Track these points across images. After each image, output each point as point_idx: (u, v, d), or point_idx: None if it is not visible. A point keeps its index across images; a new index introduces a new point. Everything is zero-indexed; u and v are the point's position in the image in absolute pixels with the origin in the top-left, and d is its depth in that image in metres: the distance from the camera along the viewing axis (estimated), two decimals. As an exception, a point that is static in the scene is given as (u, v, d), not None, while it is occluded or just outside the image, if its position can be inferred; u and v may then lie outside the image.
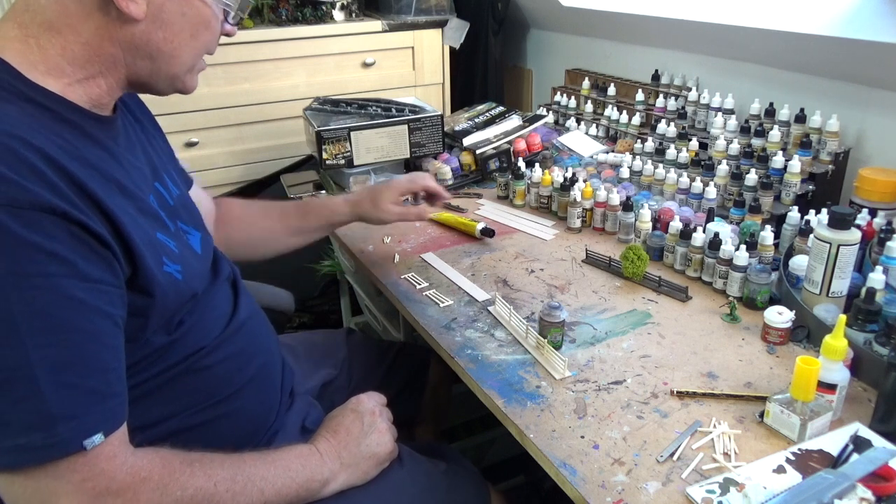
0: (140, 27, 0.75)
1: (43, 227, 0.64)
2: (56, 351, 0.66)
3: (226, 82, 2.07)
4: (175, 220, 0.90)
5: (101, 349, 0.70)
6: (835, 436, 0.85)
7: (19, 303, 0.63)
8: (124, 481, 0.70)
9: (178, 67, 0.82)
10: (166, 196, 0.90)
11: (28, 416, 0.65)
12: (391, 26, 2.24)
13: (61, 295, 0.66)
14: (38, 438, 0.65)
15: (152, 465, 0.73)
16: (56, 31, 0.73)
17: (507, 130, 1.80)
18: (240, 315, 0.98)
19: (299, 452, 0.90)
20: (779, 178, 1.40)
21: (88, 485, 0.68)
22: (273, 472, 0.84)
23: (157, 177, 0.91)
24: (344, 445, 0.95)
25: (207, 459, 0.79)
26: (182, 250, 0.86)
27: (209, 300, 0.93)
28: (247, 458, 0.84)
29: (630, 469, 0.82)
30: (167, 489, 0.73)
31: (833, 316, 1.01)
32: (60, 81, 0.74)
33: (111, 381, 0.71)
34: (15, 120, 0.68)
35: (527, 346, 1.07)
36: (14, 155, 0.65)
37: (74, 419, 0.67)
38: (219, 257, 1.02)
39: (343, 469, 0.93)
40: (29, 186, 0.64)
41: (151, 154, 0.92)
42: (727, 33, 1.68)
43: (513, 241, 1.45)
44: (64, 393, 0.66)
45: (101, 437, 0.68)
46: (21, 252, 0.63)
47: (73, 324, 0.67)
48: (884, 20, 1.34)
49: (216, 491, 0.78)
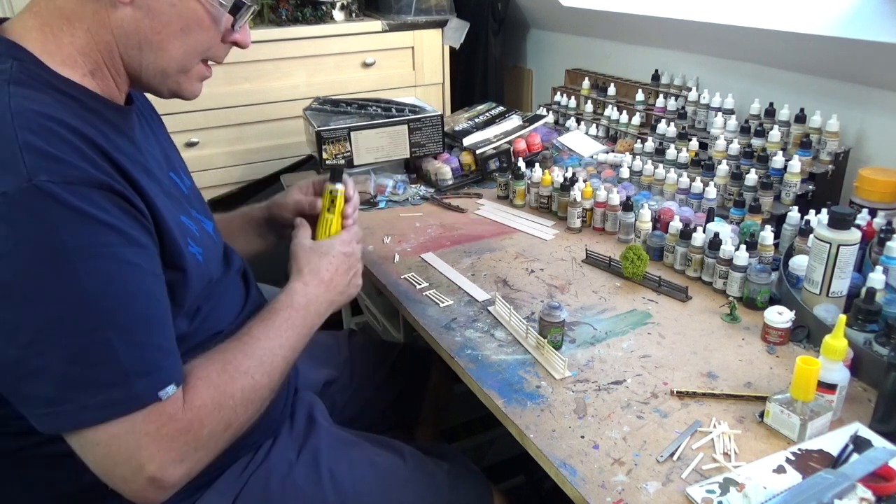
0: (128, 12, 0.76)
1: (95, 201, 0.68)
2: (124, 313, 0.70)
3: (226, 82, 2.07)
4: (192, 207, 0.93)
5: (161, 308, 0.76)
6: (835, 436, 0.85)
7: (87, 273, 0.67)
8: (186, 417, 0.75)
9: (167, 62, 0.81)
10: (181, 185, 0.93)
11: (107, 376, 0.69)
12: (391, 26, 2.23)
13: (122, 261, 0.70)
14: (119, 394, 0.70)
15: (200, 391, 0.78)
16: (66, 19, 0.75)
17: (507, 130, 1.80)
18: (251, 305, 1.02)
19: (298, 307, 0.94)
20: (779, 178, 1.40)
21: (163, 430, 0.73)
22: (286, 336, 0.90)
23: (172, 167, 0.94)
24: (335, 289, 1.01)
25: (231, 356, 0.84)
26: (202, 234, 0.90)
27: (224, 288, 0.97)
28: (259, 335, 0.88)
29: (630, 469, 0.82)
30: (222, 403, 0.79)
31: (833, 316, 1.01)
32: (76, 72, 0.77)
33: (171, 338, 0.77)
34: (49, 104, 0.71)
35: (527, 346, 1.07)
36: (56, 135, 0.69)
37: (149, 374, 0.72)
38: (229, 250, 1.05)
39: (332, 307, 1.00)
40: (77, 163, 0.68)
41: (165, 146, 0.96)
42: (727, 33, 1.68)
43: (513, 241, 1.45)
44: (136, 351, 0.71)
45: (173, 388, 0.74)
46: (81, 224, 0.67)
47: (135, 287, 0.72)
48: (884, 20, 1.34)
49: (255, 381, 0.83)
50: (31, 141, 0.67)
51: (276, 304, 0.93)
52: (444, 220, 1.56)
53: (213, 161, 2.13)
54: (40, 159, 0.66)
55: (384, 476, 1.02)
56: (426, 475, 1.07)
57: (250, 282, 1.07)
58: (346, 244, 1.05)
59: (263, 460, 0.97)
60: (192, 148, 2.08)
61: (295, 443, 1.01)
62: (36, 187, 0.65)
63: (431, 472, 1.08)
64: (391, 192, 1.69)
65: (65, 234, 0.66)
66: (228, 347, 0.85)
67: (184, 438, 0.75)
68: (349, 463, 1.01)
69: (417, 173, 1.82)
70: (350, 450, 1.04)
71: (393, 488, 1.02)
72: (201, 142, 2.09)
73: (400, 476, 1.04)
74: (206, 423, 0.77)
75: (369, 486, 1.00)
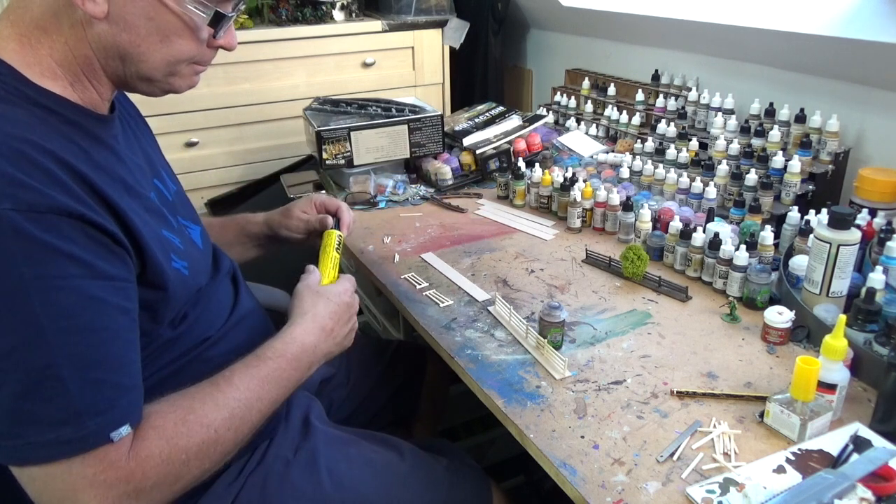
0: (103, 27, 0.74)
1: (61, 231, 0.66)
2: (81, 349, 0.68)
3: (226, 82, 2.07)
4: (176, 215, 0.91)
5: (123, 345, 0.72)
6: (835, 436, 0.85)
7: (44, 305, 0.65)
8: (129, 466, 0.71)
9: (151, 71, 0.79)
10: (165, 192, 0.92)
11: (58, 413, 0.67)
12: (391, 26, 2.24)
13: (83, 295, 0.68)
14: (68, 433, 0.67)
15: (150, 442, 0.73)
16: (43, 31, 0.74)
17: (507, 130, 1.80)
18: (241, 308, 1.01)
19: (290, 358, 0.89)
20: (779, 178, 1.40)
21: (101, 477, 0.69)
22: (267, 390, 0.85)
23: (156, 173, 0.92)
24: (333, 341, 0.97)
25: (200, 403, 0.79)
26: (186, 246, 0.88)
27: (212, 293, 0.95)
28: (239, 384, 0.82)
29: (630, 469, 0.82)
30: (171, 458, 0.74)
31: (833, 316, 1.01)
32: (57, 83, 0.75)
33: (132, 374, 0.73)
34: (24, 124, 0.69)
35: (527, 346, 1.07)
36: (28, 160, 0.66)
37: (101, 414, 0.69)
38: (219, 252, 1.04)
39: (325, 358, 0.97)
40: (46, 191, 0.66)
41: (148, 151, 0.93)
42: (727, 33, 1.68)
43: (513, 241, 1.45)
44: (90, 389, 0.68)
45: (127, 429, 0.71)
46: (42, 256, 0.65)
47: (95, 322, 0.69)
48: (884, 20, 1.34)
49: (217, 437, 0.78)
50: (0, 166, 0.64)
51: (267, 352, 0.88)
52: (444, 220, 1.56)
53: (213, 161, 2.13)
54: (6, 186, 0.64)
55: (382, 473, 1.02)
56: (425, 471, 1.07)
57: (240, 284, 1.05)
58: (349, 294, 1.02)
59: (260, 462, 0.97)
60: (192, 148, 2.08)
61: (292, 443, 1.01)
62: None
63: (430, 468, 1.08)
64: (391, 192, 1.69)
65: (23, 264, 0.64)
66: (199, 393, 0.80)
67: (123, 488, 0.71)
68: (347, 461, 1.01)
69: (417, 173, 1.82)
70: (347, 448, 1.04)
71: (392, 485, 1.02)
72: (201, 142, 2.09)
73: (398, 472, 1.04)
74: (149, 476, 0.72)
75: (368, 483, 1.00)
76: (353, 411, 1.29)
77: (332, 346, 0.97)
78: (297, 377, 0.90)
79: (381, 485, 1.01)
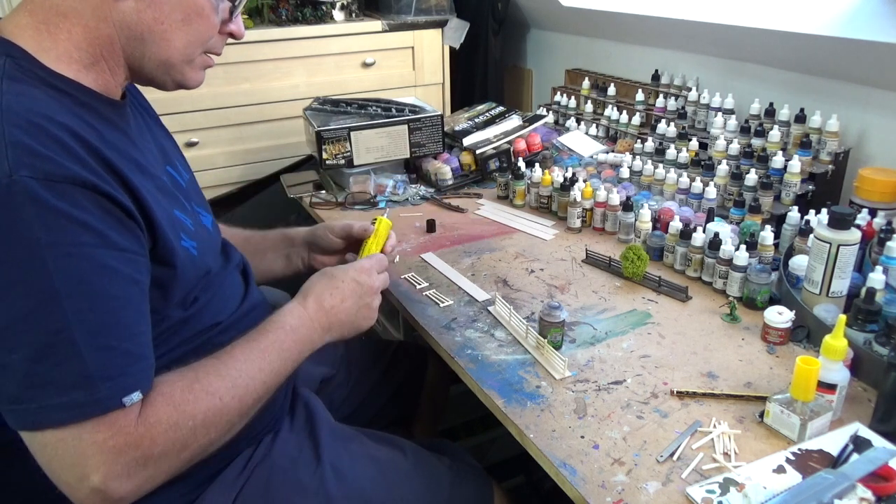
0: (130, 4, 0.77)
1: (76, 200, 0.68)
2: (93, 315, 0.69)
3: (226, 82, 2.07)
4: (190, 201, 0.93)
5: (134, 314, 0.74)
6: (835, 436, 0.85)
7: (58, 271, 0.67)
8: (137, 432, 0.72)
9: (170, 53, 0.82)
10: (179, 179, 0.94)
11: (70, 377, 0.68)
12: (391, 26, 2.23)
13: (95, 263, 0.69)
14: (81, 397, 0.68)
15: (157, 408, 0.75)
16: (62, 15, 0.76)
17: (507, 130, 1.80)
18: (251, 298, 1.02)
19: (288, 330, 0.91)
20: (779, 178, 1.40)
21: (110, 442, 0.70)
22: (268, 360, 0.87)
23: (168, 161, 0.94)
24: (335, 318, 0.97)
25: (204, 374, 0.80)
26: (197, 228, 0.90)
27: (222, 280, 0.96)
28: (239, 355, 0.84)
29: (630, 469, 0.82)
30: (178, 424, 0.75)
31: (833, 316, 1.01)
32: (72, 67, 0.77)
33: (143, 344, 0.75)
34: (41, 101, 0.71)
35: (527, 346, 1.07)
36: (45, 132, 0.68)
37: (113, 379, 0.70)
38: (228, 245, 1.05)
39: (328, 335, 0.97)
40: (62, 161, 0.68)
41: (161, 141, 0.95)
42: (727, 33, 1.68)
43: (513, 241, 1.45)
44: (103, 355, 0.69)
45: (139, 395, 0.72)
46: (57, 223, 0.67)
47: (107, 290, 0.70)
48: (884, 20, 1.34)
49: (223, 404, 0.80)
50: (18, 137, 0.67)
51: (266, 325, 0.90)
52: (444, 220, 1.56)
53: (213, 161, 2.13)
54: (24, 155, 0.66)
55: (386, 470, 1.03)
56: (427, 469, 1.07)
57: (250, 278, 1.07)
58: (364, 272, 1.01)
59: (265, 455, 0.97)
60: (192, 148, 2.08)
61: (296, 438, 1.02)
62: (15, 182, 0.65)
63: (433, 466, 1.08)
64: (391, 192, 1.69)
65: (39, 231, 0.66)
66: (203, 365, 0.82)
67: (132, 454, 0.72)
68: (351, 457, 1.02)
69: (417, 173, 1.82)
70: (351, 444, 1.04)
71: (395, 482, 1.02)
72: (201, 142, 2.09)
73: (401, 469, 1.04)
74: (158, 442, 0.73)
75: (371, 479, 1.00)
76: (353, 411, 1.29)
77: (332, 324, 0.97)
78: (297, 349, 0.91)
79: (384, 481, 1.01)
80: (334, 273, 1.00)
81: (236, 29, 0.88)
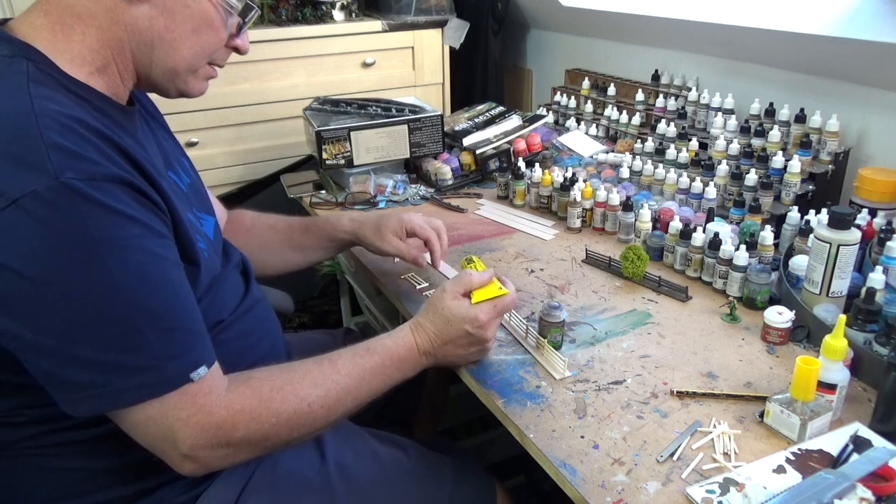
0: (144, 10, 0.78)
1: (118, 196, 0.71)
2: (153, 301, 0.74)
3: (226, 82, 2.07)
4: (191, 206, 0.94)
5: (186, 295, 0.79)
6: (835, 436, 0.85)
7: (116, 264, 0.71)
8: (220, 415, 0.78)
9: (177, 61, 0.83)
10: (179, 184, 0.94)
11: (140, 361, 0.73)
12: (391, 26, 2.23)
13: (147, 252, 0.74)
14: (152, 377, 0.74)
15: (244, 398, 0.81)
16: (77, 17, 0.77)
17: (507, 130, 1.80)
18: (251, 296, 1.03)
19: (400, 359, 0.95)
20: (779, 178, 1.40)
21: (194, 419, 0.76)
22: (368, 380, 0.91)
23: (170, 166, 0.95)
24: (444, 358, 0.98)
25: (299, 378, 0.85)
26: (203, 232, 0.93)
27: (222, 281, 0.97)
28: (342, 369, 0.88)
29: (630, 469, 0.82)
30: (261, 418, 0.81)
31: (833, 316, 1.01)
32: (83, 70, 0.78)
33: (199, 321, 0.80)
34: (66, 103, 0.73)
35: (527, 346, 1.07)
36: (78, 134, 0.71)
37: (179, 357, 0.75)
38: (228, 246, 1.06)
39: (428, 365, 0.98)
40: (98, 160, 0.71)
41: (163, 144, 0.96)
42: (727, 33, 1.68)
43: (513, 241, 1.45)
44: (166, 336, 0.74)
45: (205, 370, 0.77)
46: (108, 219, 0.70)
47: (162, 276, 0.75)
48: (884, 20, 1.34)
49: (310, 410, 0.85)
50: (56, 140, 0.69)
51: (378, 346, 0.94)
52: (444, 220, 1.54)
53: (213, 161, 2.13)
54: (66, 158, 0.68)
55: (389, 467, 1.03)
56: (430, 467, 1.08)
57: (250, 276, 1.08)
58: (476, 324, 0.96)
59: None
60: (192, 148, 2.07)
61: None
62: (63, 185, 0.67)
63: (435, 465, 1.09)
64: (391, 192, 1.69)
65: (93, 229, 0.69)
66: (301, 368, 0.87)
67: (215, 433, 0.78)
68: (354, 454, 1.02)
69: (417, 173, 1.82)
70: (355, 442, 1.05)
71: (398, 479, 1.02)
72: (201, 142, 2.09)
73: (404, 467, 1.05)
74: (239, 428, 0.79)
75: (375, 476, 1.01)
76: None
77: (440, 360, 0.99)
78: (398, 377, 0.95)
79: (387, 479, 1.01)
80: (449, 319, 0.96)
81: (241, 44, 0.90)
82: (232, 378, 0.83)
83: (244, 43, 0.90)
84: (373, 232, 1.22)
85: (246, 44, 0.91)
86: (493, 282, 1.01)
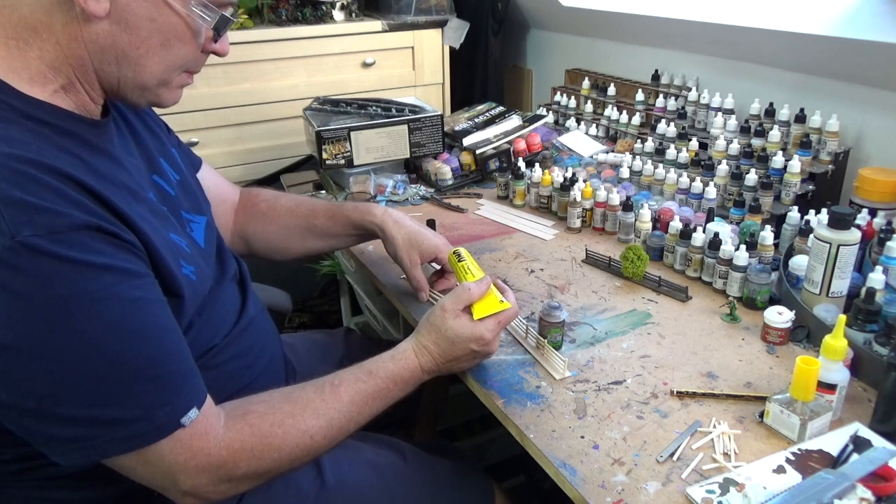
0: (103, 26, 0.71)
1: (85, 245, 0.66)
2: (135, 351, 0.70)
3: (226, 82, 2.07)
4: (179, 210, 0.90)
5: (172, 334, 0.75)
6: (835, 436, 0.85)
7: (90, 320, 0.66)
8: (220, 455, 0.76)
9: (147, 77, 0.77)
10: (165, 187, 0.90)
11: (127, 413, 0.70)
12: (391, 26, 2.23)
13: (124, 300, 0.69)
14: (142, 427, 0.70)
15: (243, 436, 0.78)
16: (33, 31, 0.70)
17: (507, 130, 1.80)
18: (248, 312, 1.00)
19: (404, 381, 0.93)
20: (779, 178, 1.40)
21: (192, 463, 0.74)
22: (370, 405, 0.89)
23: (154, 167, 0.90)
24: (446, 368, 0.97)
25: (300, 410, 0.83)
26: (192, 249, 0.87)
27: (216, 298, 0.93)
28: (344, 396, 0.86)
29: (630, 469, 0.82)
30: (263, 455, 0.79)
31: (833, 316, 1.01)
32: (46, 89, 0.72)
33: (186, 359, 0.76)
34: (21, 142, 0.67)
35: (527, 346, 1.07)
36: (34, 180, 0.64)
37: (169, 403, 0.72)
38: (224, 254, 1.02)
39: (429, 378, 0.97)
40: (59, 209, 0.65)
41: (147, 142, 0.91)
42: (727, 33, 1.68)
43: (513, 241, 1.45)
44: (152, 384, 0.71)
45: (196, 412, 0.74)
46: (74, 274, 0.65)
47: (142, 322, 0.71)
48: (884, 20, 1.34)
49: (313, 442, 0.83)
50: (9, 193, 0.62)
51: (380, 370, 0.91)
52: (444, 220, 1.56)
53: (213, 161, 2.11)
54: (21, 213, 0.62)
55: (385, 473, 1.02)
56: (428, 472, 1.07)
57: (247, 287, 1.04)
58: (482, 342, 0.95)
59: None
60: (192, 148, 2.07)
61: None
62: (21, 244, 0.61)
63: (433, 469, 1.08)
64: (391, 192, 1.69)
65: (60, 287, 0.64)
66: (302, 398, 0.84)
67: (216, 472, 0.76)
68: (350, 462, 1.01)
69: (417, 173, 1.82)
70: (350, 449, 1.04)
71: (395, 485, 1.02)
72: (201, 142, 2.09)
73: (401, 473, 1.04)
74: (240, 466, 0.78)
75: (371, 483, 1.00)
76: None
77: (444, 373, 0.98)
78: (400, 396, 0.93)
79: (383, 485, 1.01)
80: (453, 340, 0.94)
81: (221, 48, 0.82)
82: (228, 412, 0.80)
83: (223, 47, 0.83)
84: (404, 240, 1.17)
85: (225, 47, 0.83)
86: (492, 290, 0.99)
